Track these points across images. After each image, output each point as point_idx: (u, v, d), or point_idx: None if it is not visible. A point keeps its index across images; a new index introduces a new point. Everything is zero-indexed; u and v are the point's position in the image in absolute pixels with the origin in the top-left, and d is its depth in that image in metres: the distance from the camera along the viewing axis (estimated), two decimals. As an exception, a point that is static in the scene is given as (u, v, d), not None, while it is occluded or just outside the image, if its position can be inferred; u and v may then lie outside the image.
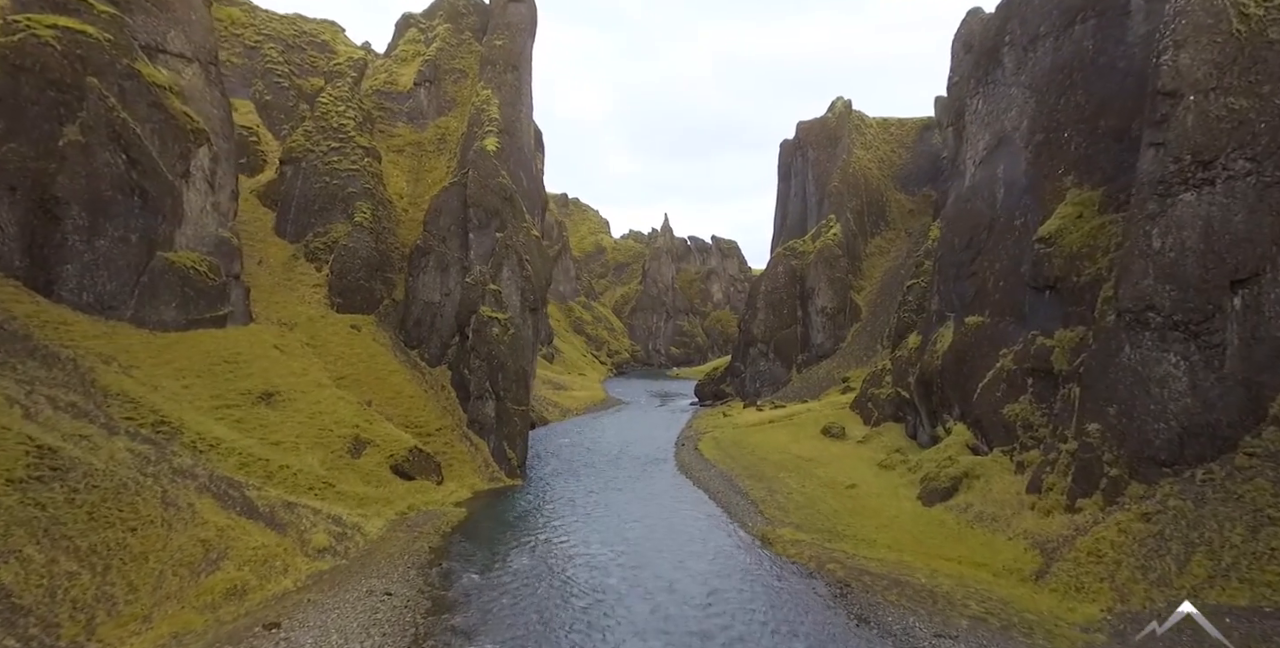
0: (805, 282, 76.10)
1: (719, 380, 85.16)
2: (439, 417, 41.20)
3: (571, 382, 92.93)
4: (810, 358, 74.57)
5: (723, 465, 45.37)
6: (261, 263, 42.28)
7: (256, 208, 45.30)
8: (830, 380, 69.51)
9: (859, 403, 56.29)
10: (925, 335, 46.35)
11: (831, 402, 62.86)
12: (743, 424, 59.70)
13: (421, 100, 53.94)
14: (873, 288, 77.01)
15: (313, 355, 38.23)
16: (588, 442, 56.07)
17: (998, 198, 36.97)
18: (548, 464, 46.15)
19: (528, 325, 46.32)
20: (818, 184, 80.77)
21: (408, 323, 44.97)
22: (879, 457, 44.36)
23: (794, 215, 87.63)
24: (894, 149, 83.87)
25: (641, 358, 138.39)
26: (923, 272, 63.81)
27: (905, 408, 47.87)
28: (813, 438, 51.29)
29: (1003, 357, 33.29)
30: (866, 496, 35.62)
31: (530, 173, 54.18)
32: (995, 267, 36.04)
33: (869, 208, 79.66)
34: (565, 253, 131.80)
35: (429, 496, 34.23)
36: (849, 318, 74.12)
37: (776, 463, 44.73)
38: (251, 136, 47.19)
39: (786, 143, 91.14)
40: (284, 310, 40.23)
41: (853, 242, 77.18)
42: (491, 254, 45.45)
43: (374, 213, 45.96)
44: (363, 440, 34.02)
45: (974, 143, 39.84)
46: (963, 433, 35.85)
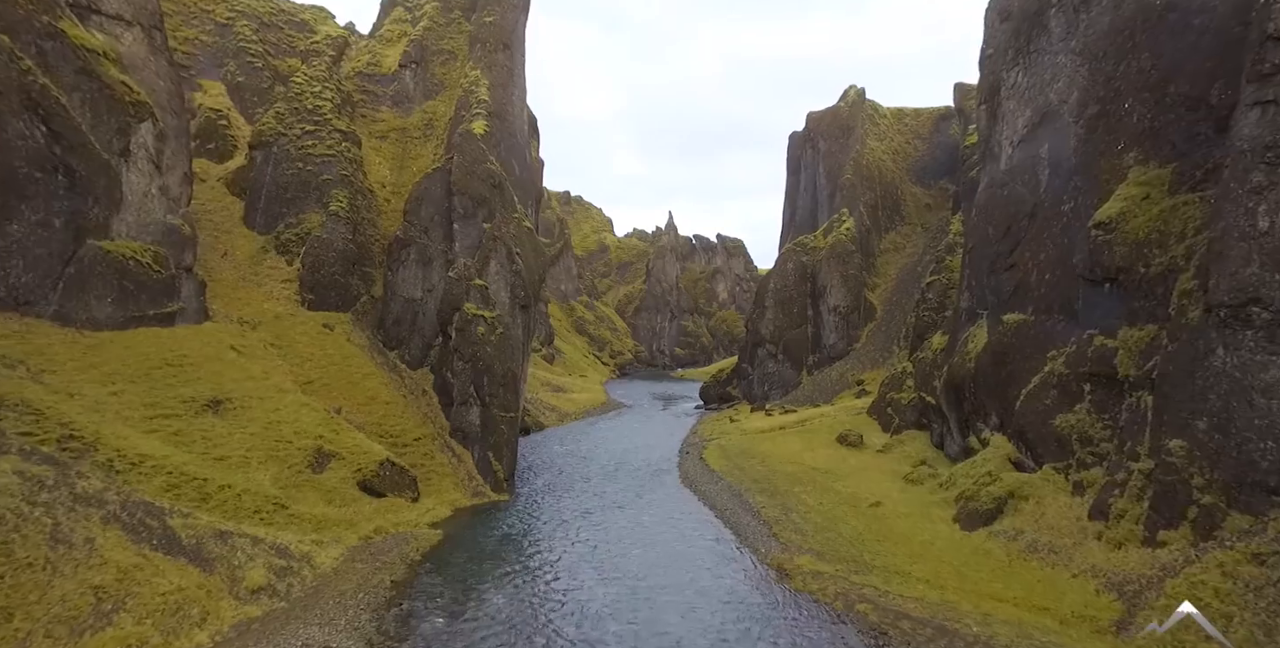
0: (816, 279, 71.91)
1: (725, 382, 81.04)
2: (418, 425, 37.23)
3: (571, 384, 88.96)
4: (821, 359, 70.36)
5: (730, 478, 41.24)
6: (226, 256, 38.41)
7: (224, 197, 41.44)
8: (843, 383, 65.31)
9: (877, 408, 52.08)
10: (953, 335, 42.17)
11: (846, 406, 58.67)
12: (751, 431, 55.57)
13: (407, 83, 50.04)
14: (888, 286, 72.77)
15: (277, 357, 34.30)
16: (585, 450, 52.05)
17: (1041, 181, 32.76)
18: (540, 476, 42.13)
19: (518, 325, 42.32)
20: (829, 177, 76.56)
21: (386, 322, 41.02)
22: (903, 469, 40.17)
23: (804, 210, 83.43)
24: (909, 140, 79.60)
25: (645, 359, 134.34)
26: (944, 267, 59.62)
27: (930, 415, 43.66)
28: (828, 447, 47.12)
29: (1051, 359, 29.09)
30: (894, 516, 31.45)
31: (523, 161, 50.20)
32: (1039, 258, 31.85)
33: (883, 202, 75.41)
34: (567, 251, 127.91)
35: (401, 515, 30.24)
36: (863, 317, 69.88)
37: (789, 475, 40.59)
38: (221, 120, 43.36)
39: (795, 135, 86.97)
40: (248, 308, 36.33)
41: (866, 237, 72.96)
42: (478, 246, 41.47)
43: (352, 202, 42.06)
44: (326, 453, 30.06)
45: (1011, 121, 35.64)
46: (1003, 445, 31.64)
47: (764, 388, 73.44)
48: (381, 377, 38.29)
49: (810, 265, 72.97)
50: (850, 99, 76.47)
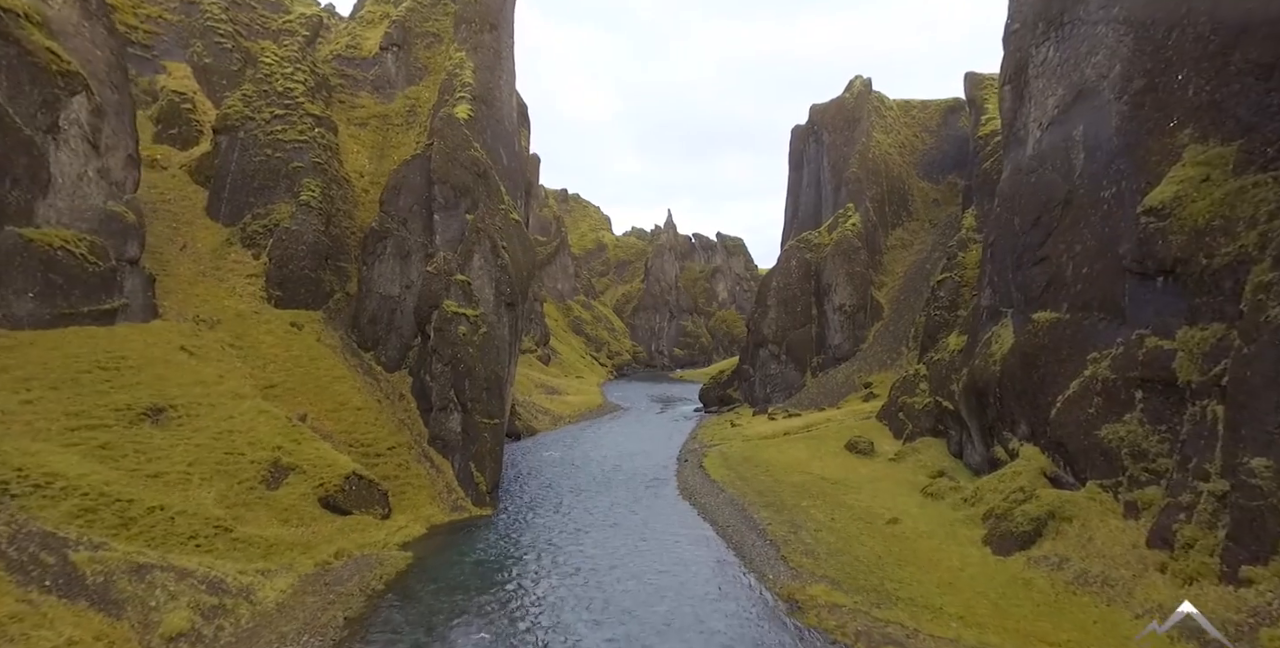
0: (821, 277, 68.70)
1: (725, 384, 77.84)
2: (393, 433, 34.00)
3: (567, 386, 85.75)
4: (827, 360, 67.15)
5: (733, 489, 38.01)
6: (185, 248, 35.18)
7: (187, 186, 38.21)
8: (850, 386, 62.11)
9: (887, 413, 48.87)
10: (972, 336, 38.98)
11: (853, 410, 55.49)
12: (753, 436, 52.36)
13: (389, 67, 46.81)
14: (895, 284, 69.56)
15: (235, 359, 31.07)
16: (578, 456, 48.83)
17: (1075, 165, 29.55)
18: (528, 487, 38.91)
19: (503, 324, 39.09)
20: (833, 171, 73.36)
21: (361, 321, 37.78)
22: (919, 480, 36.97)
23: (807, 206, 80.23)
24: (916, 134, 76.41)
25: (644, 359, 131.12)
26: (957, 264, 56.44)
27: (947, 421, 40.46)
28: (836, 455, 43.91)
29: (1093, 363, 25.88)
30: (915, 535, 28.23)
31: (511, 149, 46.98)
32: (1075, 250, 28.64)
33: (890, 197, 72.22)
34: (564, 250, 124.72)
35: (367, 535, 27.02)
36: (869, 317, 66.67)
37: (796, 487, 37.38)
38: (185, 104, 40.14)
39: (798, 128, 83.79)
40: (206, 305, 33.08)
41: (872, 233, 69.77)
42: (461, 239, 38.23)
43: (325, 192, 38.82)
44: (284, 466, 26.82)
45: (1040, 101, 32.44)
46: (1035, 458, 28.41)
47: (766, 390, 70.24)
48: (354, 380, 35.06)
49: (814, 263, 69.78)
50: (856, 90, 73.28)
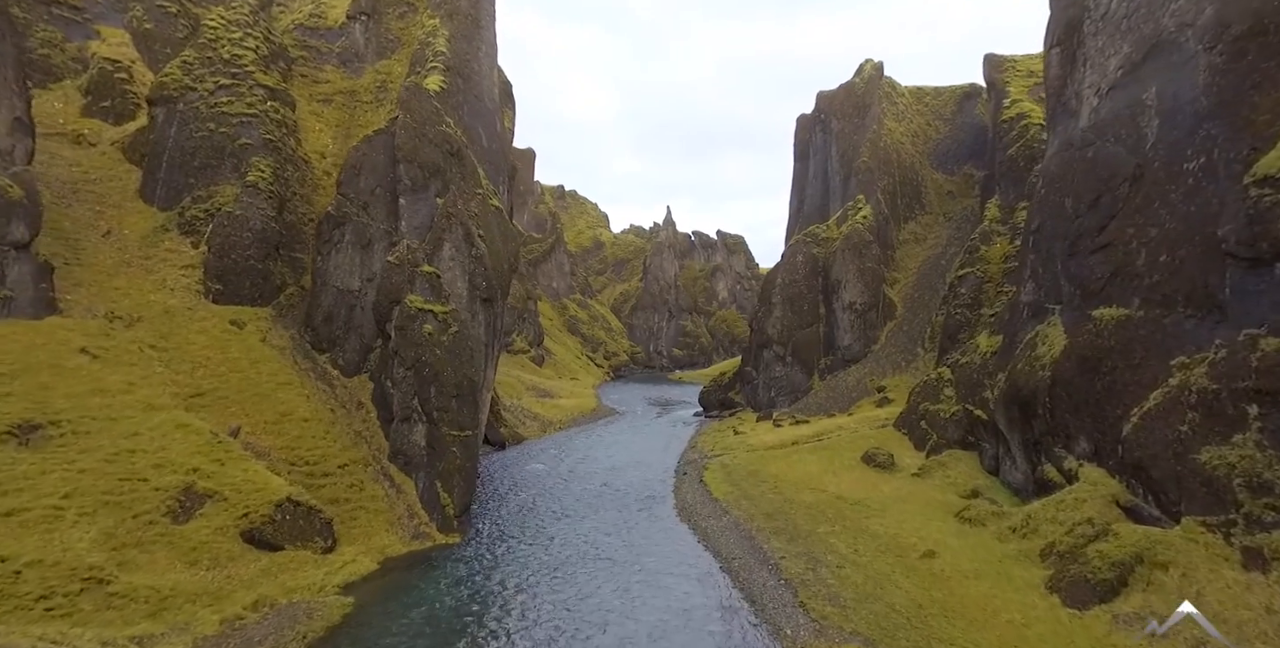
0: (829, 273, 63.85)
1: (726, 387, 73.00)
2: (347, 447, 29.17)
3: (560, 388, 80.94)
4: (836, 362, 62.30)
5: (738, 511, 33.18)
6: (110, 235, 30.35)
7: (118, 164, 33.42)
8: (861, 390, 57.27)
9: (907, 421, 44.03)
10: (1009, 336, 34.12)
11: (867, 417, 50.66)
12: (758, 446, 47.50)
13: (356, 38, 41.97)
14: (908, 281, 64.73)
15: (155, 363, 26.23)
16: (566, 468, 44.01)
17: (1147, 134, 24.71)
18: (505, 506, 34.08)
19: (478, 322, 34.28)
20: (842, 161, 68.51)
21: (316, 318, 32.96)
22: (951, 500, 32.17)
23: (813, 199, 75.38)
24: (929, 122, 71.59)
25: (642, 360, 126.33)
26: (979, 259, 51.59)
27: (979, 432, 35.64)
28: (852, 468, 39.08)
29: (1181, 369, 21.05)
30: (958, 575, 23.39)
31: (492, 129, 42.15)
32: (1149, 234, 23.81)
33: (902, 188, 67.39)
34: (559, 247, 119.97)
35: (301, 576, 22.19)
36: (882, 316, 61.84)
37: (810, 508, 32.55)
38: (120, 74, 35.34)
39: (803, 117, 78.95)
40: (127, 299, 28.26)
41: (884, 227, 64.92)
42: (430, 226, 33.41)
43: (277, 173, 34.00)
44: (200, 493, 22.00)
45: (1099, 63, 27.61)
46: (1103, 482, 23.56)
47: (770, 394, 65.41)
48: (303, 386, 30.21)
49: (822, 258, 64.93)
50: (866, 74, 68.41)
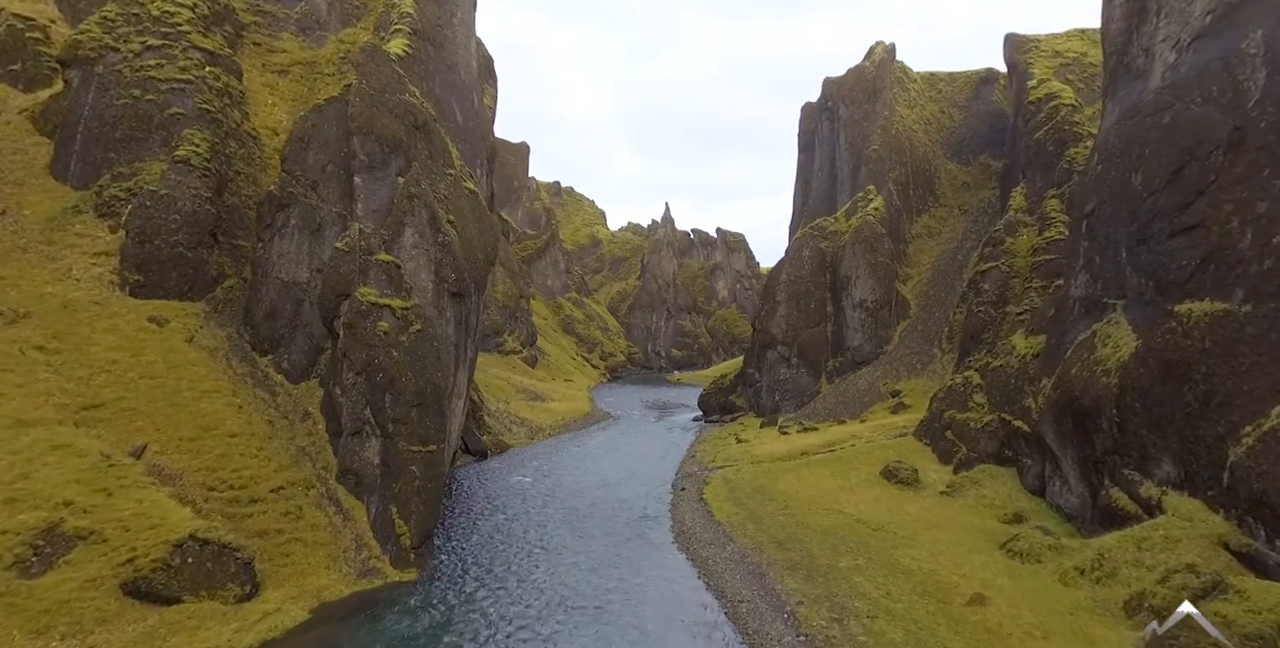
0: (838, 269, 59.18)
1: (728, 390, 68.33)
2: (285, 467, 24.46)
3: (552, 391, 76.26)
4: (845, 364, 57.64)
5: (744, 538, 28.49)
6: (4, 215, 25.61)
7: (27, 136, 28.73)
8: (873, 394, 52.62)
9: (929, 430, 39.35)
10: (1055, 336, 29.41)
11: (882, 425, 45.97)
12: (764, 457, 42.80)
13: (318, 3, 37.26)
14: (922, 277, 60.08)
15: (41, 368, 21.51)
16: (551, 482, 39.33)
17: (1249, 88, 20.02)
18: (476, 531, 29.38)
19: (446, 320, 29.60)
20: (851, 149, 63.84)
21: (256, 315, 28.24)
22: (990, 526, 27.52)
23: (819, 191, 70.71)
24: (943, 109, 66.94)
25: (639, 361, 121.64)
26: (1004, 251, 46.83)
27: (1019, 445, 30.95)
28: (871, 485, 34.41)
29: (1315, 378, 16.39)
30: (1019, 629, 18.64)
31: (469, 106, 37.47)
32: (1256, 210, 19.13)
33: (915, 179, 62.74)
34: (555, 244, 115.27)
35: (201, 637, 17.52)
36: (895, 314, 57.18)
37: (827, 534, 27.87)
38: (33, 33, 30.65)
39: (809, 106, 74.23)
40: (14, 291, 23.52)
41: (896, 220, 60.26)
42: (390, 210, 28.70)
43: (216, 148, 29.29)
44: (66, 535, 17.30)
45: (1176, 10, 22.92)
46: (1200, 516, 18.86)
47: (774, 398, 60.75)
48: (235, 395, 25.49)
49: (830, 253, 60.25)
50: (877, 57, 63.71)
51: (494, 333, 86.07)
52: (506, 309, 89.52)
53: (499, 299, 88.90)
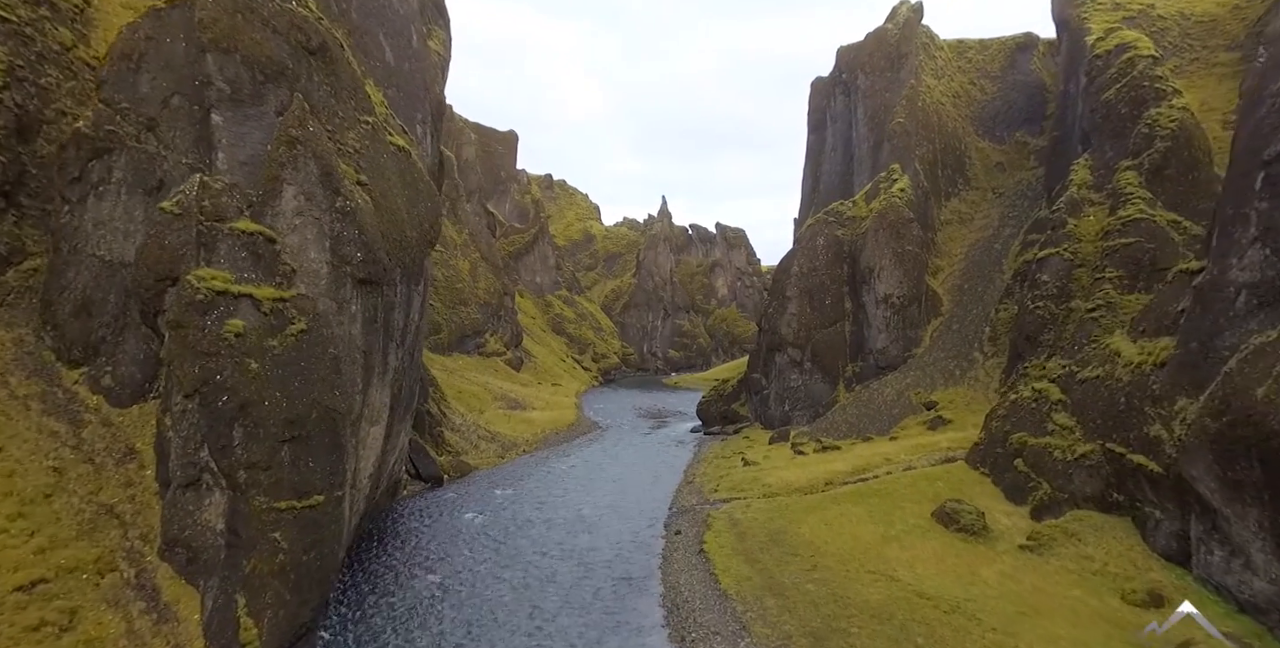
0: (858, 260, 50.39)
1: (730, 397, 59.58)
2: (62, 544, 15.61)
3: (535, 397, 67.42)
4: (867, 369, 48.87)
5: (762, 626, 19.66)
6: None
7: None
8: (903, 405, 43.81)
9: (986, 456, 30.50)
10: (1199, 340, 20.54)
11: (919, 445, 37.15)
12: (778, 486, 33.89)
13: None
14: (954, 269, 51.31)
15: None
16: (509, 520, 30.51)
17: None
18: (390, 608, 20.53)
19: (351, 316, 20.75)
20: (871, 124, 55.01)
21: (61, 310, 19.30)
22: (1114, 609, 18.91)
23: (831, 176, 61.91)
24: (973, 80, 58.14)
25: (635, 362, 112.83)
26: (1066, 236, 37.91)
27: (1142, 491, 22.07)
28: (925, 533, 25.58)
29: None
30: None
31: (404, 45, 28.62)
32: None
33: (944, 159, 53.95)
34: (543, 238, 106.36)
35: None
36: (925, 311, 48.41)
37: (880, 617, 19.11)
38: None
39: (819, 81, 65.42)
40: None
41: (924, 204, 51.48)
42: (263, 160, 19.79)
43: (15, 74, 20.39)
44: None
45: None
46: None
47: (784, 408, 51.98)
48: (8, 425, 16.61)
49: (849, 242, 51.44)
50: (902, 18, 54.81)
51: (474, 333, 77.24)
52: (489, 307, 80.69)
53: (480, 296, 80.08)
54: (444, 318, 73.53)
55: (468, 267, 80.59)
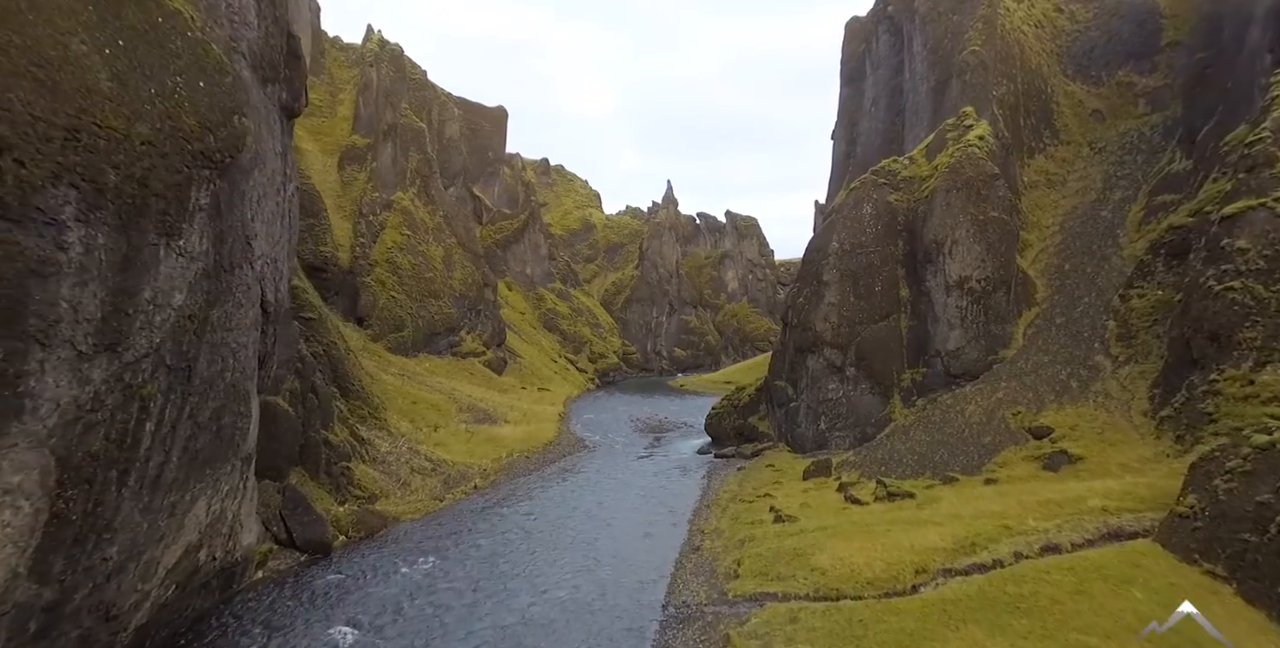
0: (919, 233, 37.03)
1: (746, 409, 46.47)
2: None
3: (512, 407, 54.51)
4: (934, 378, 35.52)
5: None
6: None
7: None
8: (997, 430, 30.36)
9: (1209, 538, 17.19)
10: None
11: (1047, 499, 23.61)
12: (840, 577, 20.54)
13: None
14: (1047, 245, 37.81)
15: None
16: (414, 626, 17.54)
17: None
18: None
19: None
20: (933, 58, 41.48)
21: None
22: None
23: (871, 134, 48.44)
24: (1060, 6, 44.52)
25: (637, 362, 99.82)
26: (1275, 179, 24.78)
27: None
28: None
29: None
30: None
31: None
32: None
33: (1026, 104, 40.39)
34: (535, 224, 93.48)
35: None
36: (1015, 300, 34.99)
37: None
38: None
39: (855, 22, 51.97)
40: None
41: (1005, 160, 37.94)
42: None
43: None
44: None
45: None
46: None
47: (818, 426, 38.75)
48: None
49: (904, 210, 38.08)
50: (973, -81, 41.39)
51: (446, 331, 64.50)
52: (465, 300, 67.93)
53: (455, 287, 67.31)
54: (409, 312, 60.87)
55: (441, 254, 67.80)
